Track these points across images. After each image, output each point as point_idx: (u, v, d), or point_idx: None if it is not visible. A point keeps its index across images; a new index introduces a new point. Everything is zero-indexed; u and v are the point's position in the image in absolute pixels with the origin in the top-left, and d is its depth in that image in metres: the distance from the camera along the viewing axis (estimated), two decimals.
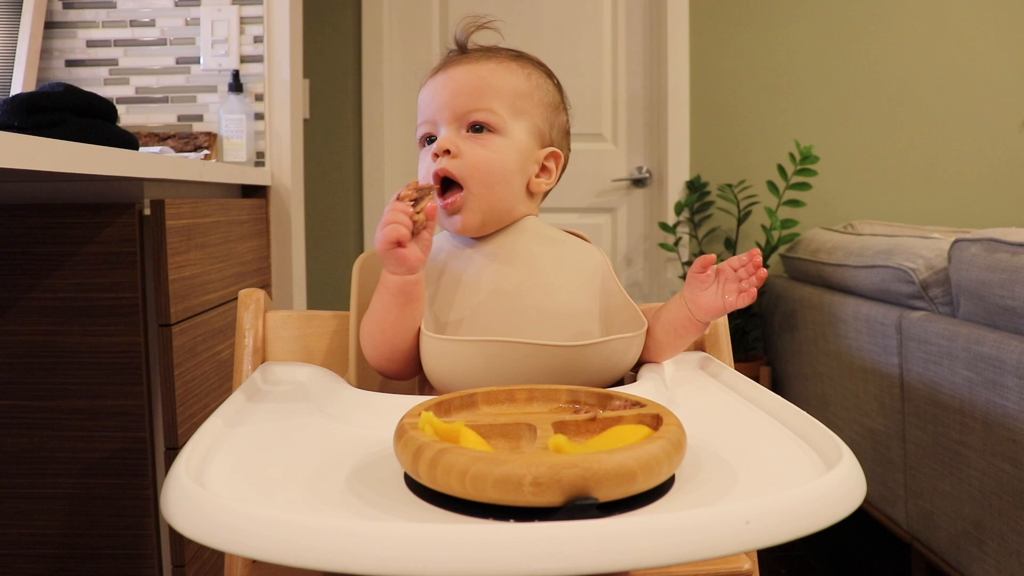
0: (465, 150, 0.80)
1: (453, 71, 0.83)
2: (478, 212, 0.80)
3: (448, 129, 0.81)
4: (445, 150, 0.79)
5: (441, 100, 0.82)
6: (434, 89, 0.83)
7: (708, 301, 0.76)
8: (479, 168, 0.79)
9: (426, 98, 0.84)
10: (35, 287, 1.15)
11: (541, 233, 0.83)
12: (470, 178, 0.79)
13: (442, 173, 0.79)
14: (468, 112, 0.81)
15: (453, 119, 0.81)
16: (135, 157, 1.10)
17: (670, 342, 0.81)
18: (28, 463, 1.16)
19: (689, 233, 2.53)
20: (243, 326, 0.85)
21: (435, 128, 0.83)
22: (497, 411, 0.61)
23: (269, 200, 1.80)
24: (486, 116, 0.81)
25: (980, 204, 2.61)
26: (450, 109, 0.81)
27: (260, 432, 0.62)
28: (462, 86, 0.81)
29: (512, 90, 0.82)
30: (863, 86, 2.59)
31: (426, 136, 0.84)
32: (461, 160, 0.79)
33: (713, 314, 0.77)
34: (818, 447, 0.56)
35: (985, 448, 1.29)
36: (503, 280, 0.79)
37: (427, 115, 0.83)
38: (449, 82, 0.82)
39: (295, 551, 0.40)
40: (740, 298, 0.75)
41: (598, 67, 2.60)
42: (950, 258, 1.45)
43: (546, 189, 0.85)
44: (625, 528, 0.40)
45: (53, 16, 1.79)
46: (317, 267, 2.47)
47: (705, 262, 0.76)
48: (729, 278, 0.75)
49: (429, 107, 0.83)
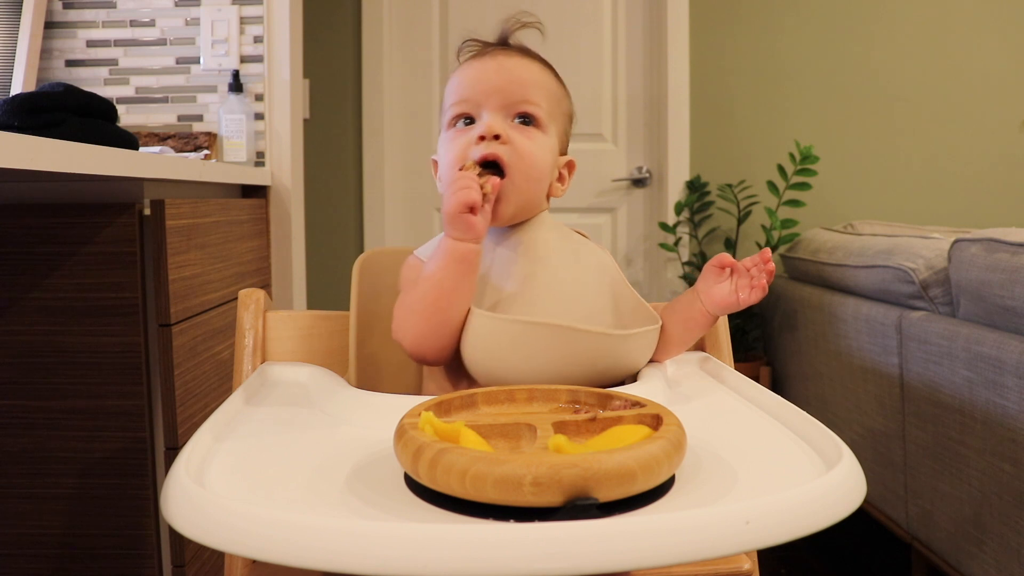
0: (514, 138, 0.79)
1: (504, 59, 0.81)
2: (513, 204, 0.79)
3: (494, 116, 0.79)
4: (495, 135, 0.78)
5: (491, 84, 0.80)
6: (481, 72, 0.81)
7: (722, 295, 0.79)
8: (524, 159, 0.79)
9: (468, 79, 0.81)
10: (35, 287, 1.15)
11: (557, 229, 0.84)
12: (515, 168, 0.78)
13: (491, 157, 0.77)
14: (518, 102, 0.80)
15: (501, 106, 0.80)
16: (135, 157, 1.10)
17: (680, 336, 0.82)
18: (28, 463, 1.16)
19: (689, 233, 2.53)
20: (243, 326, 0.85)
21: (476, 111, 0.80)
22: (497, 411, 0.61)
23: (269, 200, 1.80)
24: (535, 110, 0.80)
25: (980, 204, 2.61)
26: (502, 95, 0.80)
27: (260, 432, 0.62)
28: (516, 76, 0.81)
29: (552, 93, 0.83)
30: (863, 86, 2.59)
31: (462, 116, 0.81)
32: (510, 148, 0.78)
33: (725, 308, 0.79)
34: (818, 447, 0.56)
35: (985, 448, 1.29)
36: (533, 269, 0.79)
37: (467, 96, 0.81)
38: (501, 69, 0.81)
39: (295, 551, 0.40)
40: (752, 293, 0.78)
41: (598, 67, 2.60)
42: (950, 258, 1.45)
43: (559, 196, 0.86)
44: (625, 528, 0.40)
45: (53, 16, 1.79)
46: (317, 267, 2.47)
47: (724, 260, 0.79)
48: (742, 275, 0.79)
49: (472, 89, 0.81)
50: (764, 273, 0.78)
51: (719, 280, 0.80)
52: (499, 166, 0.76)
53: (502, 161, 0.78)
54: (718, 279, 0.80)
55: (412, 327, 0.75)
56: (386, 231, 2.59)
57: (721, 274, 0.80)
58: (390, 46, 2.58)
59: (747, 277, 0.78)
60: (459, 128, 0.81)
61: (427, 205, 2.62)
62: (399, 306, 0.77)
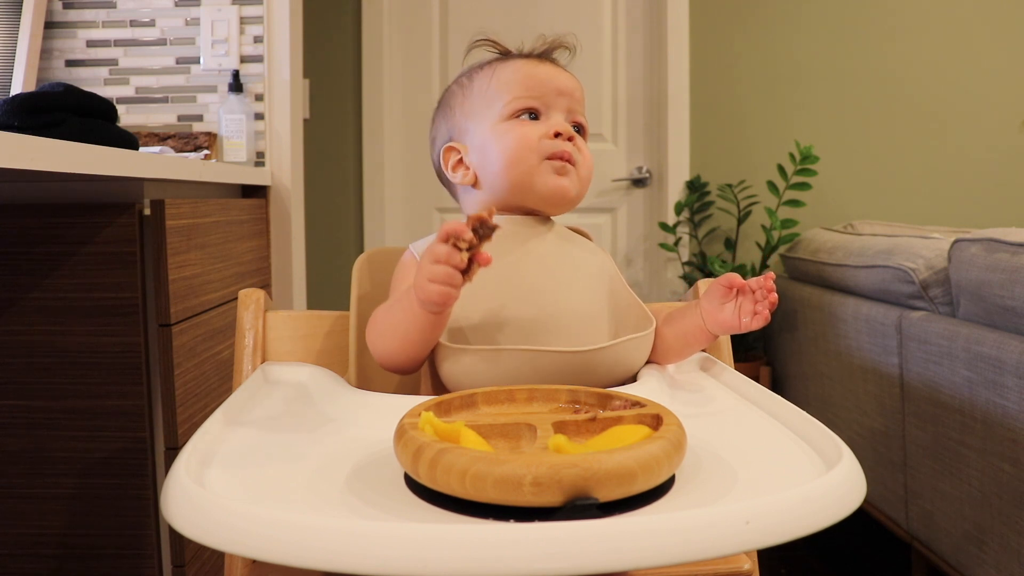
0: (578, 142, 0.82)
1: (558, 70, 0.85)
2: (576, 199, 0.83)
3: (561, 117, 0.82)
4: (569, 137, 0.81)
5: (559, 86, 0.83)
6: (550, 74, 0.84)
7: (726, 318, 0.76)
8: (586, 167, 0.83)
9: (537, 77, 0.83)
10: (35, 287, 1.15)
11: (553, 238, 0.84)
12: (578, 174, 0.82)
13: (567, 157, 0.80)
14: (576, 111, 0.84)
15: (566, 110, 0.83)
16: (135, 157, 1.09)
17: (678, 348, 0.81)
18: (28, 463, 1.16)
19: (689, 233, 2.53)
20: (243, 326, 0.85)
21: (544, 108, 0.82)
22: (497, 411, 0.61)
23: (269, 200, 1.80)
24: (586, 123, 0.85)
25: (980, 204, 2.61)
26: (568, 100, 0.83)
27: (260, 432, 0.62)
28: (576, 86, 0.85)
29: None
30: (863, 86, 2.59)
31: (528, 110, 0.82)
32: (579, 154, 0.82)
33: (727, 330, 0.77)
34: (818, 447, 0.56)
35: (985, 448, 1.29)
36: (519, 280, 0.79)
37: (536, 92, 0.82)
38: (562, 75, 0.84)
39: (295, 551, 0.40)
40: (755, 320, 0.75)
41: (598, 67, 2.60)
42: (950, 258, 1.45)
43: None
44: (625, 528, 0.40)
45: (53, 16, 1.79)
46: (317, 267, 2.47)
47: (733, 281, 0.75)
48: (747, 298, 0.76)
49: (541, 86, 0.82)
50: (767, 301, 0.74)
51: (724, 300, 0.76)
52: (488, 230, 0.66)
53: (573, 161, 0.81)
54: (723, 299, 0.76)
55: (381, 347, 0.75)
56: (386, 231, 2.59)
57: (728, 294, 0.76)
58: (390, 46, 2.58)
59: (751, 301, 0.75)
60: (523, 120, 0.82)
61: (427, 205, 2.62)
62: (373, 318, 0.77)
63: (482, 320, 0.77)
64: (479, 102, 0.84)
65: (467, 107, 0.85)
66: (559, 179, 0.80)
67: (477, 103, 0.84)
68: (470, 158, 0.84)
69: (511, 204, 0.82)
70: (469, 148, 0.84)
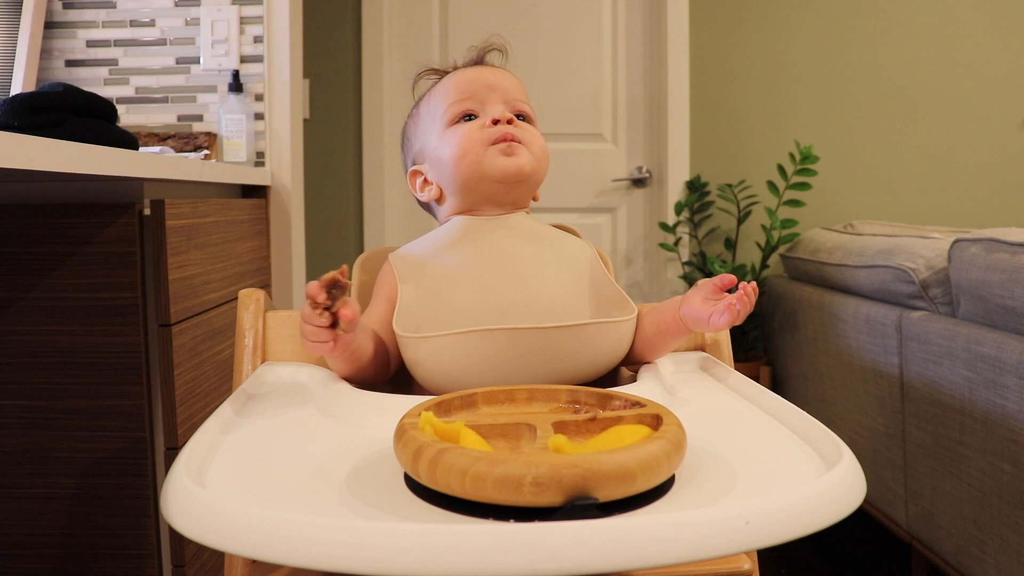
0: (523, 126, 0.85)
1: (489, 69, 0.89)
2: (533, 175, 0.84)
3: (499, 108, 0.85)
4: (509, 119, 0.83)
5: (490, 82, 0.86)
6: (478, 75, 0.87)
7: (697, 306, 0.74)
8: (537, 145, 0.85)
9: (466, 80, 0.87)
10: (35, 287, 1.15)
11: (526, 229, 0.85)
12: (529, 151, 0.84)
13: (510, 137, 0.82)
14: (517, 101, 0.87)
15: (502, 102, 0.86)
16: (135, 157, 1.09)
17: (654, 342, 0.81)
18: (28, 463, 1.16)
19: (689, 233, 2.53)
20: (243, 326, 0.85)
21: (479, 107, 0.86)
22: (497, 411, 0.61)
23: (269, 200, 1.80)
24: (529, 111, 0.88)
25: (980, 204, 2.61)
26: (502, 92, 0.86)
27: (260, 432, 0.62)
28: (510, 80, 0.88)
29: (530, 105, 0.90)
30: (863, 86, 2.59)
31: (465, 112, 0.86)
32: (524, 133, 0.84)
33: (695, 322, 0.75)
34: (818, 447, 0.56)
35: (985, 448, 1.29)
36: (483, 277, 0.79)
37: (468, 94, 0.86)
38: (496, 72, 0.88)
39: (295, 551, 0.40)
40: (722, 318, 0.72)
41: (598, 67, 2.60)
42: (950, 258, 1.45)
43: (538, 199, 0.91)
44: (625, 528, 0.40)
45: (53, 16, 1.79)
46: (317, 267, 2.46)
47: (726, 283, 0.72)
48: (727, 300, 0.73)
49: (472, 87, 0.86)
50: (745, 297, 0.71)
51: (710, 296, 0.74)
52: (340, 290, 0.66)
53: (518, 139, 0.82)
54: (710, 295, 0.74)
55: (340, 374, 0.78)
56: (386, 231, 2.59)
57: (716, 293, 0.73)
58: (390, 46, 2.58)
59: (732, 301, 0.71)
60: (463, 122, 0.85)
61: None
62: None
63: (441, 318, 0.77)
64: (426, 121, 0.89)
65: (419, 131, 0.90)
66: (508, 158, 0.82)
67: (425, 123, 0.89)
68: (431, 175, 0.88)
69: (477, 201, 0.85)
70: (428, 166, 0.88)
